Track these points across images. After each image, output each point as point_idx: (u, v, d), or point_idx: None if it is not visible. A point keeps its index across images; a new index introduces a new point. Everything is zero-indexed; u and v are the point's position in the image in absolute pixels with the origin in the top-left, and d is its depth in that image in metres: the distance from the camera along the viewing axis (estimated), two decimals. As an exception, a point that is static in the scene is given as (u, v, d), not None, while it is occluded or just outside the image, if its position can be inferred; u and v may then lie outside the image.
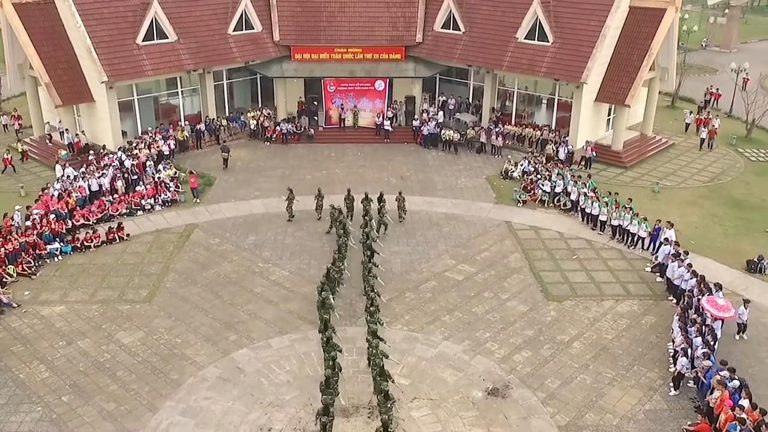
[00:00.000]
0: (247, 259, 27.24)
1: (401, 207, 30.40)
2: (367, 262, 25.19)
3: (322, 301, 22.55)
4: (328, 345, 20.46)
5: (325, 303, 22.51)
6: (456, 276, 26.07)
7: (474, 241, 28.96)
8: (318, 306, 22.68)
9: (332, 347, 20.27)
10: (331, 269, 24.67)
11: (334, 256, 25.78)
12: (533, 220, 31.02)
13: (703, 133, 40.95)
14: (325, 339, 20.67)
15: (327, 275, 24.24)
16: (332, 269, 24.75)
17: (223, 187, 34.44)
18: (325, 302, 22.50)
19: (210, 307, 23.86)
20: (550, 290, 25.15)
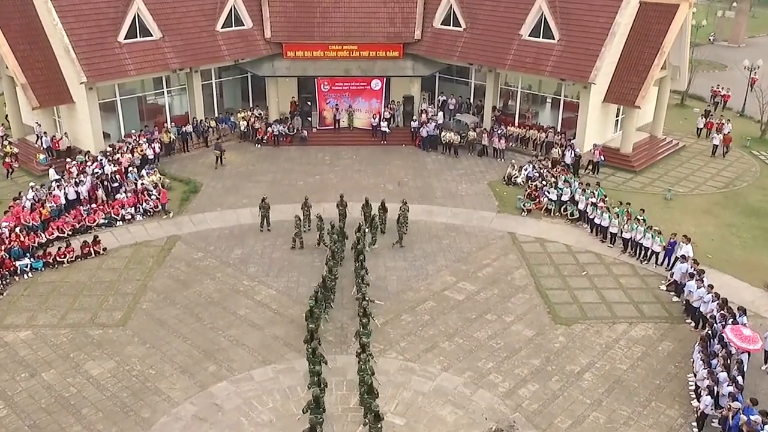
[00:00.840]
0: (231, 276, 25.32)
1: (404, 219, 28.19)
2: (359, 268, 23.71)
3: (310, 310, 21.14)
4: (314, 356, 19.24)
5: (313, 313, 21.13)
6: (456, 295, 24.15)
7: (476, 255, 27.03)
8: (306, 316, 21.20)
9: (318, 359, 19.19)
10: (327, 278, 23.18)
11: (329, 264, 23.90)
12: (539, 231, 29.08)
13: (716, 139, 38.50)
14: (311, 350, 19.39)
15: (323, 284, 22.84)
16: (328, 278, 23.24)
17: (209, 194, 32.48)
18: (313, 312, 21.14)
19: (189, 332, 21.95)
20: (558, 312, 23.23)
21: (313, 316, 21.26)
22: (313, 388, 18.01)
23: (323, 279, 23.31)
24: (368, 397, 17.75)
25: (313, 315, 21.26)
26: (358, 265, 24.00)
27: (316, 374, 18.67)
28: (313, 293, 22.28)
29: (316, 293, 22.24)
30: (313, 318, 21.20)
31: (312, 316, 21.20)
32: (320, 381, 18.45)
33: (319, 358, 19.53)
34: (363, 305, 21.79)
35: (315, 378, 18.58)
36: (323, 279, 23.31)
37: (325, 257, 24.99)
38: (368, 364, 18.88)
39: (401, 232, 27.48)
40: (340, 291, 23.97)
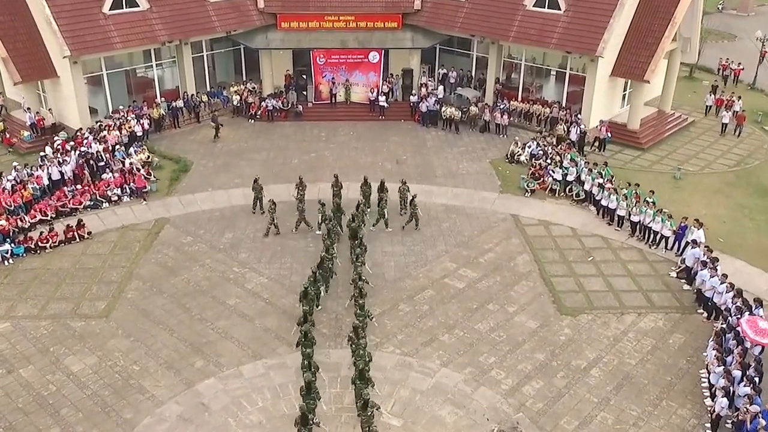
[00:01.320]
0: (221, 262, 24.18)
1: (404, 198, 27.19)
2: (357, 246, 22.81)
3: (305, 291, 20.31)
4: (305, 339, 18.47)
5: (308, 294, 20.32)
6: (457, 283, 23.04)
7: (477, 239, 25.86)
8: (300, 296, 20.38)
9: (310, 342, 18.53)
10: (324, 257, 22.31)
11: (326, 243, 22.95)
12: (543, 213, 27.86)
13: (725, 117, 36.63)
14: (303, 332, 18.75)
15: (320, 264, 21.99)
16: (325, 257, 22.39)
17: (200, 174, 31.20)
18: (308, 293, 20.34)
19: (175, 323, 20.88)
20: (564, 301, 22.14)
21: (308, 297, 20.40)
22: (306, 373, 17.17)
23: (321, 259, 22.37)
24: (360, 384, 16.99)
25: (307, 296, 20.39)
26: (357, 243, 23.03)
27: (307, 357, 17.91)
28: (311, 273, 21.49)
29: (314, 273, 21.40)
30: (308, 299, 20.35)
31: (306, 297, 20.35)
32: (311, 365, 17.64)
33: (311, 341, 18.66)
34: (359, 285, 20.86)
35: (306, 362, 17.81)
36: (321, 259, 22.37)
37: (321, 236, 23.99)
38: (365, 350, 18.11)
39: (415, 213, 26.22)
40: (335, 282, 22.80)
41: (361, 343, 18.46)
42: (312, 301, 20.77)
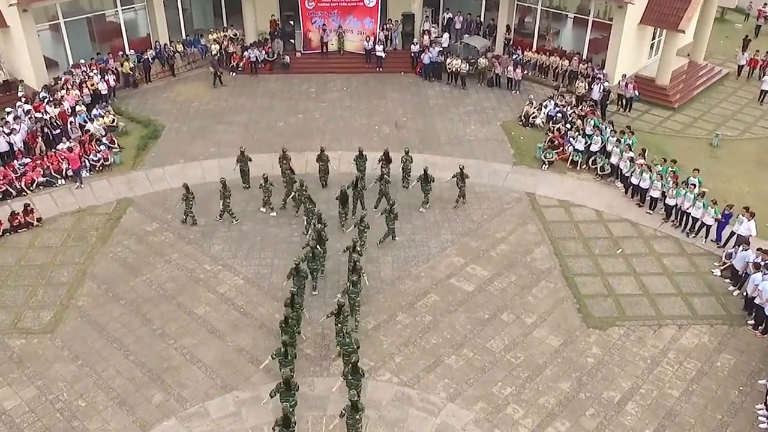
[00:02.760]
0: (190, 257, 20.77)
1: (407, 171, 23.83)
2: (363, 229, 20.23)
3: (296, 268, 17.59)
4: (286, 325, 16.48)
5: (299, 271, 17.70)
6: (465, 285, 19.69)
7: (488, 225, 22.37)
8: (291, 274, 17.71)
9: (291, 329, 16.55)
10: (320, 231, 19.51)
11: (316, 228, 19.61)
12: (563, 191, 24.27)
13: (766, 83, 31.45)
14: (283, 317, 16.58)
15: (312, 255, 19.05)
16: (317, 251, 19.26)
17: (171, 140, 27.44)
18: (299, 270, 17.84)
19: (132, 341, 17.63)
20: (591, 309, 18.86)
21: (299, 275, 17.80)
22: (284, 369, 15.32)
23: (317, 232, 19.53)
24: (352, 378, 15.09)
25: (299, 273, 17.78)
26: (363, 227, 20.30)
27: (282, 345, 15.73)
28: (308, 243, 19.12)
29: (313, 249, 18.91)
30: (299, 277, 17.84)
31: (298, 275, 17.79)
32: (287, 353, 15.59)
33: (292, 327, 16.51)
34: (354, 258, 18.24)
35: (281, 349, 15.67)
36: (317, 232, 19.53)
37: (310, 224, 20.93)
38: (352, 337, 16.08)
39: (426, 189, 22.80)
40: (323, 286, 19.44)
41: (347, 326, 16.70)
42: (304, 277, 18.05)
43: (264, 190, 22.22)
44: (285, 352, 15.58)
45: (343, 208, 21.79)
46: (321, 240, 19.43)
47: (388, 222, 20.97)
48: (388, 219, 20.94)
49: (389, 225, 21.06)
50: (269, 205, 22.62)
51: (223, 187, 21.79)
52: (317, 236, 19.40)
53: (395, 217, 20.87)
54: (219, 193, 21.84)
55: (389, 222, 20.96)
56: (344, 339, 16.08)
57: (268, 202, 22.55)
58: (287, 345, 15.67)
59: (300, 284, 18.06)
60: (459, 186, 23.00)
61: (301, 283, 18.13)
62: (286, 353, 15.61)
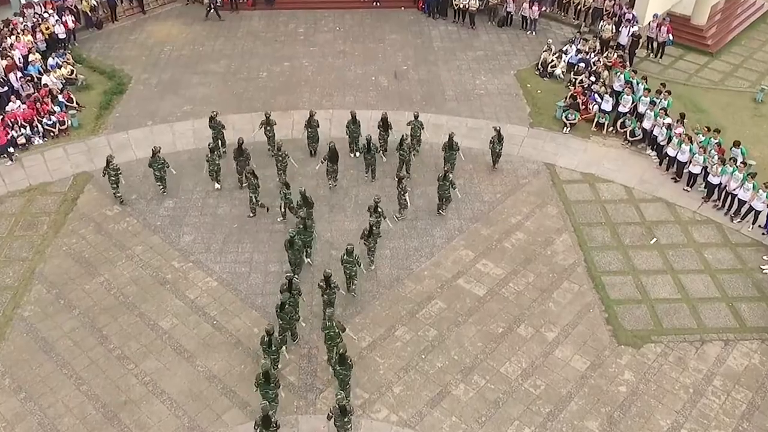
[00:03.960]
0: (156, 250, 17.91)
1: (416, 137, 20.67)
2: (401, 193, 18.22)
3: (290, 240, 15.81)
4: (282, 311, 14.85)
5: (293, 243, 16.19)
6: (475, 287, 16.92)
7: (501, 207, 19.39)
8: (285, 246, 16.06)
9: (287, 314, 14.89)
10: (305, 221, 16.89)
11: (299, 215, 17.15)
12: (587, 161, 21.15)
13: None
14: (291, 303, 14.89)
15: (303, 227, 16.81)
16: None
17: (139, 96, 24.03)
18: (293, 242, 16.19)
19: (86, 366, 15.04)
20: (621, 319, 16.17)
21: (293, 247, 16.03)
22: (264, 360, 13.87)
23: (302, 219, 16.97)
24: (340, 369, 13.71)
25: (293, 246, 16.01)
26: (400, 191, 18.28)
27: (266, 333, 14.15)
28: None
29: (303, 219, 16.77)
30: (294, 249, 16.24)
31: (292, 247, 16.11)
32: (271, 342, 14.15)
33: (288, 313, 14.79)
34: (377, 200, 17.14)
35: (265, 337, 14.17)
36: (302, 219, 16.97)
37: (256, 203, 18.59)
38: (333, 321, 14.51)
39: (451, 159, 19.69)
40: (310, 296, 16.64)
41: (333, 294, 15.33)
42: (299, 250, 16.29)
43: (210, 161, 19.21)
44: (269, 340, 14.03)
45: (332, 166, 19.04)
46: (305, 226, 16.90)
47: (444, 190, 18.49)
48: (442, 187, 18.43)
49: (444, 193, 18.61)
50: (217, 178, 19.69)
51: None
52: (302, 222, 16.85)
53: (452, 185, 18.50)
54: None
55: (444, 190, 18.50)
56: (326, 323, 14.30)
57: (215, 176, 19.65)
58: (270, 333, 14.02)
59: (297, 258, 16.38)
60: (496, 149, 20.00)
61: (297, 258, 16.39)
62: (270, 342, 14.00)
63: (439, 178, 18.36)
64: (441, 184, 18.33)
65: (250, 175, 18.16)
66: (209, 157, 19.24)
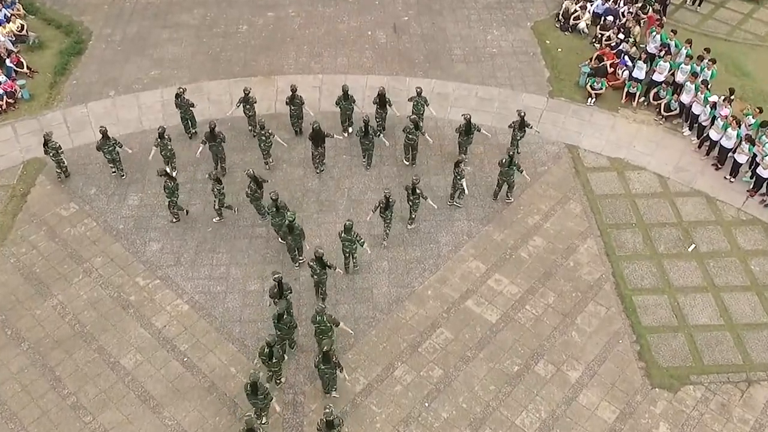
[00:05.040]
0: (118, 263, 15.51)
1: (419, 114, 17.66)
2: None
3: (290, 225, 14.33)
4: (280, 323, 13.21)
5: (293, 227, 14.43)
6: (486, 311, 14.66)
7: (516, 203, 16.92)
8: (283, 233, 14.86)
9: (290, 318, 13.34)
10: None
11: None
12: (615, 142, 18.44)
13: None
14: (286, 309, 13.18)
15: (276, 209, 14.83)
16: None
17: (99, 57, 20.97)
18: (293, 226, 14.43)
19: (35, 419, 13.01)
20: (656, 352, 14.03)
21: (294, 232, 14.52)
22: (252, 371, 12.18)
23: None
24: (325, 368, 12.38)
25: (293, 231, 14.48)
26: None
27: (267, 345, 12.53)
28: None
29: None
30: (294, 235, 14.59)
31: (293, 232, 14.51)
32: (272, 354, 12.52)
33: (287, 323, 13.17)
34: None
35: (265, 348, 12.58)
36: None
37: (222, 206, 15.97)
38: (324, 313, 12.94)
39: (466, 143, 17.32)
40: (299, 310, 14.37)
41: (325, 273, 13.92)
42: (298, 236, 14.68)
43: (160, 146, 16.61)
44: (270, 352, 12.45)
45: (316, 149, 16.58)
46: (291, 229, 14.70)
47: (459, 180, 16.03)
48: (507, 173, 16.15)
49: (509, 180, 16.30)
50: (172, 164, 17.12)
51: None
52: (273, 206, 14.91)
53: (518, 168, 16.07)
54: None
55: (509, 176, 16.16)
56: (316, 317, 12.90)
57: (170, 164, 17.05)
58: (272, 345, 12.42)
59: (297, 243, 14.70)
60: (517, 137, 17.29)
61: (298, 242, 14.78)
62: (271, 354, 12.46)
63: (503, 163, 15.86)
64: (506, 170, 15.92)
65: (215, 181, 15.44)
66: (158, 142, 16.48)
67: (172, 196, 15.68)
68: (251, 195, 15.51)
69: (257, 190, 15.43)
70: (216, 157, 16.99)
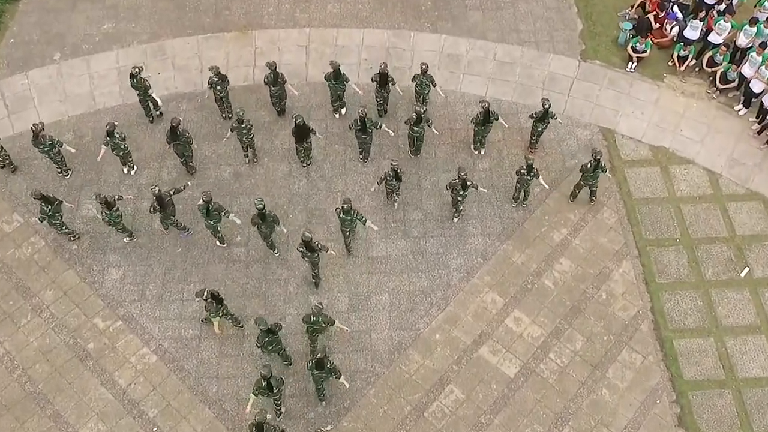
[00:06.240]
0: (73, 296, 13.28)
1: (421, 94, 14.80)
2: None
3: (260, 215, 12.42)
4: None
5: (265, 216, 12.47)
6: (503, 362, 12.65)
7: (539, 211, 14.40)
8: (255, 221, 12.63)
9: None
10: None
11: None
12: (658, 124, 15.58)
13: None
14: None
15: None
16: None
17: (40, 6, 17.43)
18: (265, 215, 12.46)
19: None
20: (698, 417, 12.27)
21: (267, 220, 12.58)
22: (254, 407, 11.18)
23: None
24: (318, 373, 11.15)
25: (265, 219, 12.55)
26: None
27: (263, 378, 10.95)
28: None
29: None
30: (268, 222, 12.64)
31: (265, 220, 12.57)
32: (271, 385, 10.99)
33: (276, 347, 11.85)
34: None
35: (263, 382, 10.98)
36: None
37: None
38: (320, 311, 11.53)
39: (482, 134, 14.56)
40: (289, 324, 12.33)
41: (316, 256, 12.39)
42: (274, 222, 12.68)
43: (111, 145, 13.80)
44: (269, 385, 10.94)
45: (301, 144, 13.95)
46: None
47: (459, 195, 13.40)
48: (524, 180, 13.67)
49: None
50: (129, 164, 14.44)
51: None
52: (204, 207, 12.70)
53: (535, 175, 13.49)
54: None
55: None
56: (311, 317, 11.59)
57: (127, 164, 14.41)
58: (268, 378, 10.82)
59: (271, 231, 12.84)
60: (538, 129, 14.41)
61: (271, 230, 12.85)
62: (270, 386, 10.96)
63: (521, 171, 13.35)
64: (524, 176, 13.40)
65: (103, 205, 12.70)
66: (108, 141, 13.64)
67: (54, 225, 13.13)
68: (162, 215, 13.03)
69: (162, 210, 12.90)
70: (181, 155, 14.19)
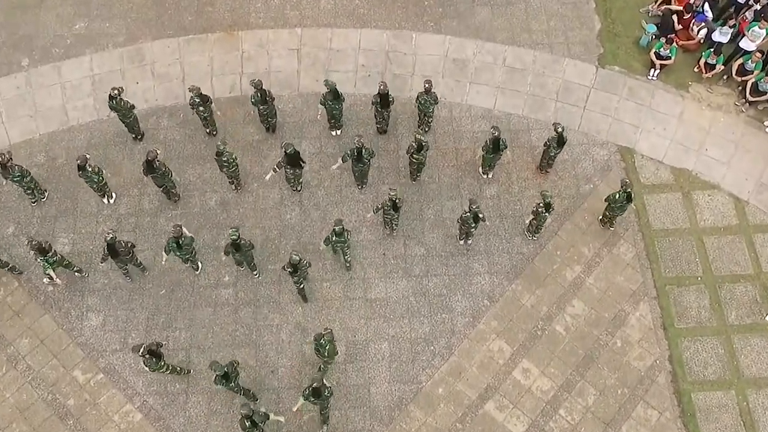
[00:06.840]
0: (50, 345, 12.48)
1: (425, 113, 13.62)
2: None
3: (234, 244, 11.61)
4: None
5: (240, 246, 11.65)
6: (511, 420, 11.99)
7: (551, 245, 13.34)
8: (229, 251, 11.90)
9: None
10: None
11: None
12: (681, 142, 14.37)
13: None
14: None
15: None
16: None
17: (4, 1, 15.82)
18: (239, 245, 11.64)
19: None
20: (716, 482, 11.47)
21: (242, 250, 11.73)
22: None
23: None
24: (315, 400, 10.58)
25: (240, 249, 11.68)
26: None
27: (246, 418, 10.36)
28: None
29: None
30: (244, 251, 11.92)
31: (240, 250, 11.72)
32: (255, 423, 10.37)
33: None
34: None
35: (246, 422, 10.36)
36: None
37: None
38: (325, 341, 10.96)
39: (491, 162, 13.46)
40: None
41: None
42: (248, 250, 11.90)
43: (84, 178, 12.69)
44: (252, 423, 10.36)
45: (293, 172, 12.83)
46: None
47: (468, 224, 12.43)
48: (541, 217, 12.43)
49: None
50: (108, 194, 13.43)
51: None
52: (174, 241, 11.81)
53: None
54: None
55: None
56: (315, 344, 11.17)
57: (105, 194, 13.34)
58: (250, 416, 10.24)
59: (247, 258, 12.18)
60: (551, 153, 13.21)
61: (249, 259, 12.29)
62: (254, 423, 10.37)
63: (537, 211, 12.27)
64: (541, 214, 12.26)
65: (36, 251, 11.58)
66: (82, 173, 12.46)
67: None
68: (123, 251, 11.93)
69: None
70: (161, 185, 13.02)
